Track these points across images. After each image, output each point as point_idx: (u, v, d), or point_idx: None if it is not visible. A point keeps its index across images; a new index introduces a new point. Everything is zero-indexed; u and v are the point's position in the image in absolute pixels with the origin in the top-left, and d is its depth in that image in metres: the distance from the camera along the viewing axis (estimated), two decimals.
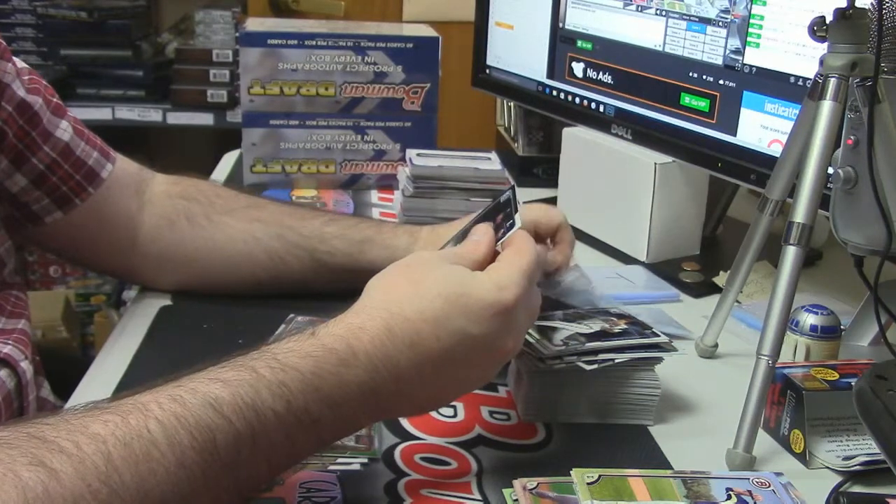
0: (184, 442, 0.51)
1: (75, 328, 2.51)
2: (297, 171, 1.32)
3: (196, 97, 2.40)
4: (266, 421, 0.55)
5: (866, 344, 0.87)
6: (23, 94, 0.86)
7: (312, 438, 0.59)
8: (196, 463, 0.52)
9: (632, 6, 1.12)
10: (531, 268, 0.65)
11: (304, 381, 0.57)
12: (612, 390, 0.77)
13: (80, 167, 0.90)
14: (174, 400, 0.53)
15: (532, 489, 0.64)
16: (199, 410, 0.53)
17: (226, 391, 0.54)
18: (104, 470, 0.48)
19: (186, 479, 0.51)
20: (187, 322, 0.92)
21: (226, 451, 0.53)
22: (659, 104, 1.11)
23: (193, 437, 0.52)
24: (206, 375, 0.56)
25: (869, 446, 0.71)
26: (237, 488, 0.55)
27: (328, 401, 0.58)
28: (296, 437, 0.57)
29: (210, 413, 0.53)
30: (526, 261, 0.65)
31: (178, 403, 0.53)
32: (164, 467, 0.50)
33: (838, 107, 0.73)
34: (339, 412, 0.59)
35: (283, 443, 0.56)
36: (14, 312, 0.85)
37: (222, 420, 0.53)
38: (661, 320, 0.94)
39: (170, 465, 0.50)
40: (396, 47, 1.28)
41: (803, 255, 0.72)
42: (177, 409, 0.52)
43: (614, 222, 1.15)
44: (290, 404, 0.56)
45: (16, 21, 2.48)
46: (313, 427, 0.58)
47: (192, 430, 0.52)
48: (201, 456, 0.52)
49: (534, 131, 1.51)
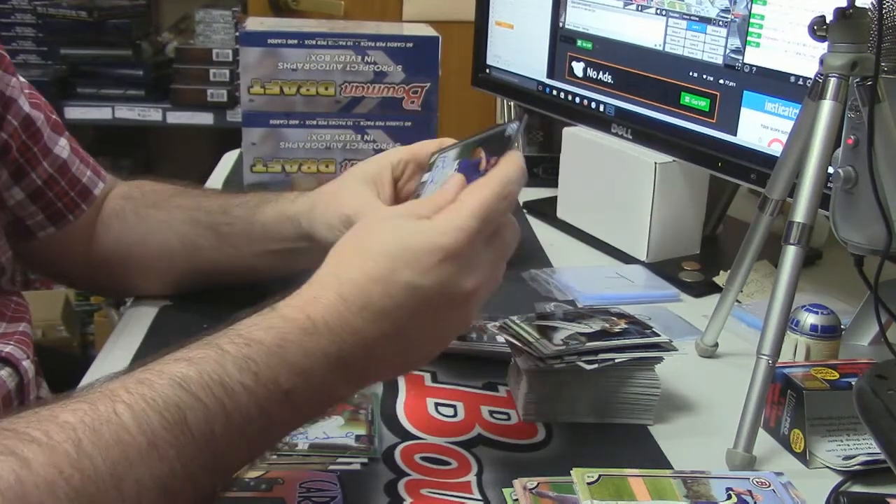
0: (154, 423, 0.51)
1: (75, 327, 2.51)
2: (297, 170, 1.32)
3: (196, 97, 2.40)
4: (236, 395, 0.54)
5: (866, 343, 0.87)
6: (28, 110, 0.87)
7: (288, 411, 0.57)
8: (169, 443, 0.51)
9: (632, 6, 1.12)
10: (486, 203, 0.62)
11: (269, 353, 0.56)
12: (612, 390, 0.77)
13: (75, 184, 0.91)
14: (141, 383, 0.53)
15: (532, 489, 0.64)
16: (166, 390, 0.52)
17: (192, 369, 0.54)
18: (75, 456, 0.48)
19: (160, 461, 0.50)
20: (187, 322, 0.91)
21: (198, 429, 0.52)
22: (659, 104, 1.11)
23: (163, 417, 0.51)
24: (173, 357, 0.56)
25: (869, 446, 0.71)
26: (215, 468, 0.54)
27: (296, 370, 0.57)
28: (270, 410, 0.56)
29: (178, 392, 0.53)
30: (478, 196, 0.62)
31: (146, 386, 0.52)
32: (135, 449, 0.50)
33: (838, 106, 0.73)
34: (310, 381, 0.58)
35: (258, 417, 0.55)
36: (15, 317, 0.86)
37: (191, 398, 0.53)
38: (667, 320, 0.94)
39: (141, 448, 0.50)
40: (396, 47, 1.28)
41: (803, 254, 0.72)
42: (144, 392, 0.52)
43: (614, 222, 1.15)
44: (257, 376, 0.55)
45: (16, 21, 2.48)
46: (286, 399, 0.57)
47: (161, 411, 0.51)
48: (173, 435, 0.51)
49: (534, 131, 1.51)
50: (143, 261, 0.94)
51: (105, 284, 0.97)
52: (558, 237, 1.22)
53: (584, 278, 1.06)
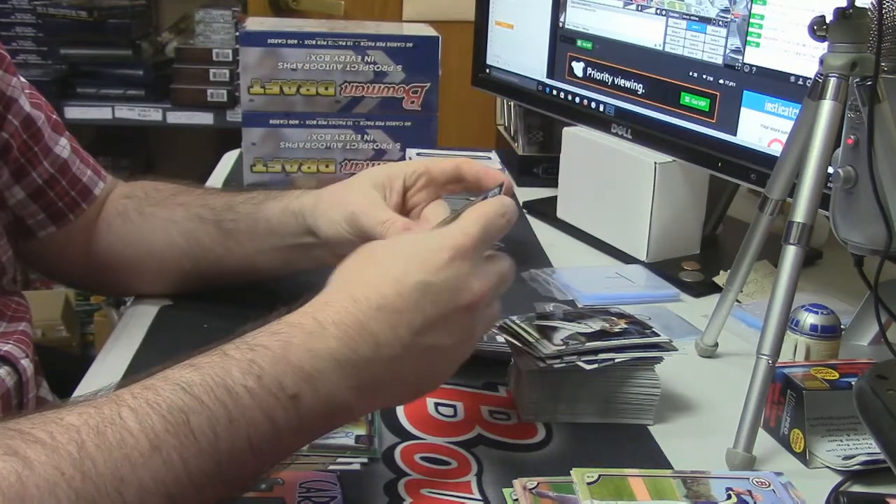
0: (157, 426, 0.51)
1: (75, 327, 2.52)
2: (297, 170, 1.32)
3: (196, 96, 2.40)
4: (239, 398, 0.54)
5: (866, 343, 0.87)
6: (28, 109, 0.87)
7: (295, 419, 0.56)
8: (172, 447, 0.51)
9: (632, 6, 1.12)
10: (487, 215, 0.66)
11: (274, 356, 0.56)
12: (612, 390, 0.77)
13: (75, 184, 0.92)
14: (147, 388, 0.53)
15: (532, 489, 0.64)
16: (170, 395, 0.53)
17: (196, 374, 0.54)
18: (77, 457, 0.48)
19: (163, 464, 0.51)
20: (187, 322, 0.92)
21: (201, 433, 0.52)
22: (659, 104, 1.11)
23: (166, 420, 0.51)
24: (180, 364, 0.56)
25: (869, 446, 0.71)
26: (221, 475, 0.54)
27: (302, 374, 0.56)
28: (275, 415, 0.55)
29: (181, 395, 0.53)
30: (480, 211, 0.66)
31: (151, 391, 0.53)
32: (138, 452, 0.50)
33: (838, 106, 0.73)
34: (317, 387, 0.57)
35: (263, 422, 0.55)
36: (15, 317, 0.87)
37: (193, 401, 0.53)
38: (667, 320, 0.94)
39: (144, 451, 0.50)
40: (396, 47, 1.28)
41: (803, 254, 0.72)
42: (149, 396, 0.52)
43: (614, 222, 1.15)
44: (261, 379, 0.55)
45: (16, 20, 2.48)
46: (292, 404, 0.56)
47: (164, 414, 0.52)
48: (176, 439, 0.51)
49: (534, 131, 1.51)
50: (145, 259, 0.93)
51: (106, 284, 0.97)
52: (558, 237, 1.22)
53: (584, 278, 1.06)
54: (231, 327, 0.91)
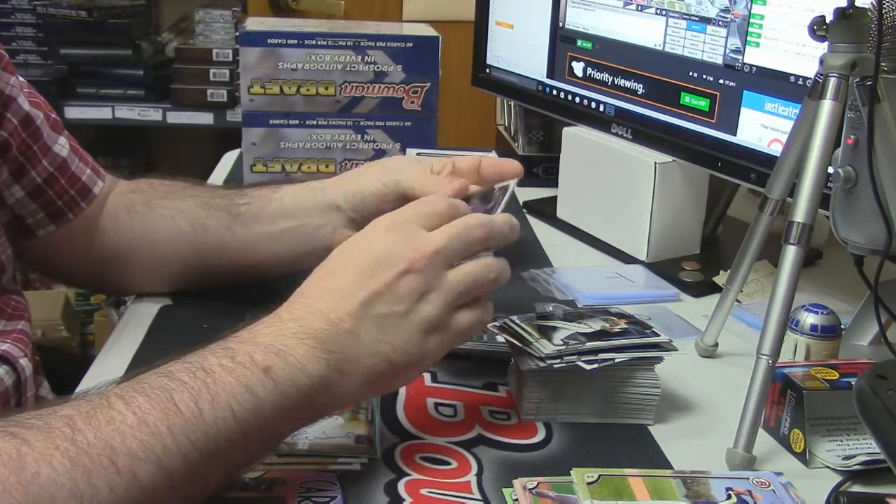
0: (142, 404, 0.56)
1: (75, 327, 2.52)
2: (297, 170, 1.32)
3: (196, 96, 2.40)
4: (217, 375, 0.59)
5: (866, 343, 0.87)
6: (27, 108, 0.87)
7: (272, 391, 0.60)
8: (158, 419, 0.55)
9: (632, 6, 1.12)
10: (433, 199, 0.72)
11: (242, 340, 0.63)
12: (612, 390, 0.77)
13: (74, 183, 0.92)
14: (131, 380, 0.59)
15: (532, 489, 0.64)
16: (153, 380, 0.58)
17: (176, 364, 0.60)
18: (70, 434, 0.53)
19: (151, 434, 0.55)
20: (187, 322, 0.92)
21: (185, 406, 0.57)
22: (659, 103, 1.11)
23: (150, 398, 0.56)
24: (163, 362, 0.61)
25: (869, 446, 0.71)
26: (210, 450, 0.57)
27: (271, 349, 0.62)
28: (252, 386, 0.59)
29: (164, 379, 0.58)
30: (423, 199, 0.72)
31: (135, 380, 0.58)
32: (126, 425, 0.55)
33: (838, 106, 0.73)
34: (286, 359, 0.61)
35: (242, 393, 0.59)
36: (14, 315, 0.87)
37: (176, 382, 0.58)
38: (667, 320, 0.94)
39: (132, 423, 0.55)
40: (396, 47, 1.28)
41: (803, 254, 0.72)
42: (133, 384, 0.58)
43: (614, 222, 1.15)
44: (233, 358, 0.60)
45: (16, 21, 2.48)
46: (267, 376, 0.60)
47: (148, 393, 0.57)
48: (162, 412, 0.56)
49: (534, 131, 1.51)
50: (150, 251, 0.94)
51: (106, 281, 0.97)
52: (558, 237, 1.22)
53: (584, 278, 1.06)
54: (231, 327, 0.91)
